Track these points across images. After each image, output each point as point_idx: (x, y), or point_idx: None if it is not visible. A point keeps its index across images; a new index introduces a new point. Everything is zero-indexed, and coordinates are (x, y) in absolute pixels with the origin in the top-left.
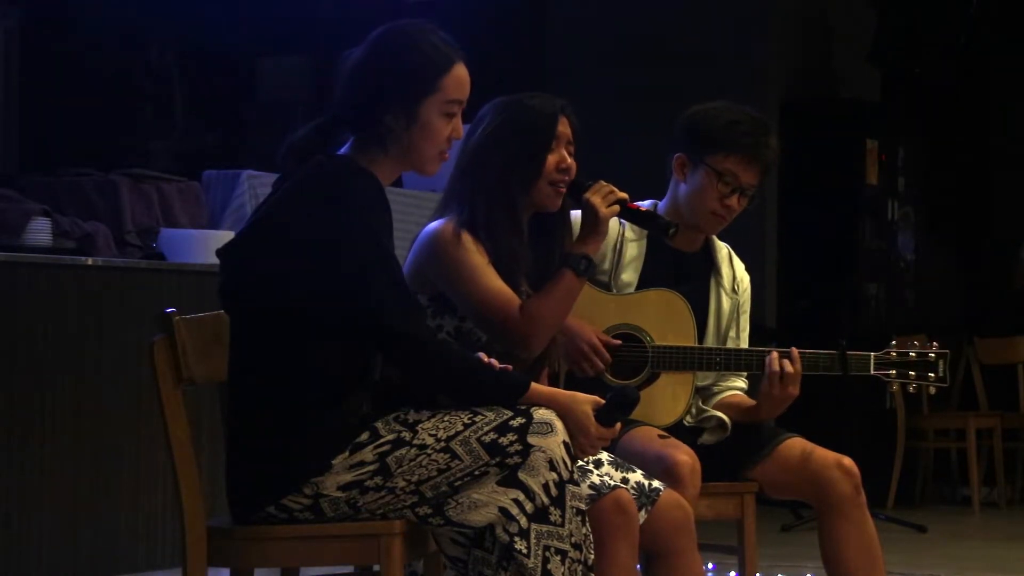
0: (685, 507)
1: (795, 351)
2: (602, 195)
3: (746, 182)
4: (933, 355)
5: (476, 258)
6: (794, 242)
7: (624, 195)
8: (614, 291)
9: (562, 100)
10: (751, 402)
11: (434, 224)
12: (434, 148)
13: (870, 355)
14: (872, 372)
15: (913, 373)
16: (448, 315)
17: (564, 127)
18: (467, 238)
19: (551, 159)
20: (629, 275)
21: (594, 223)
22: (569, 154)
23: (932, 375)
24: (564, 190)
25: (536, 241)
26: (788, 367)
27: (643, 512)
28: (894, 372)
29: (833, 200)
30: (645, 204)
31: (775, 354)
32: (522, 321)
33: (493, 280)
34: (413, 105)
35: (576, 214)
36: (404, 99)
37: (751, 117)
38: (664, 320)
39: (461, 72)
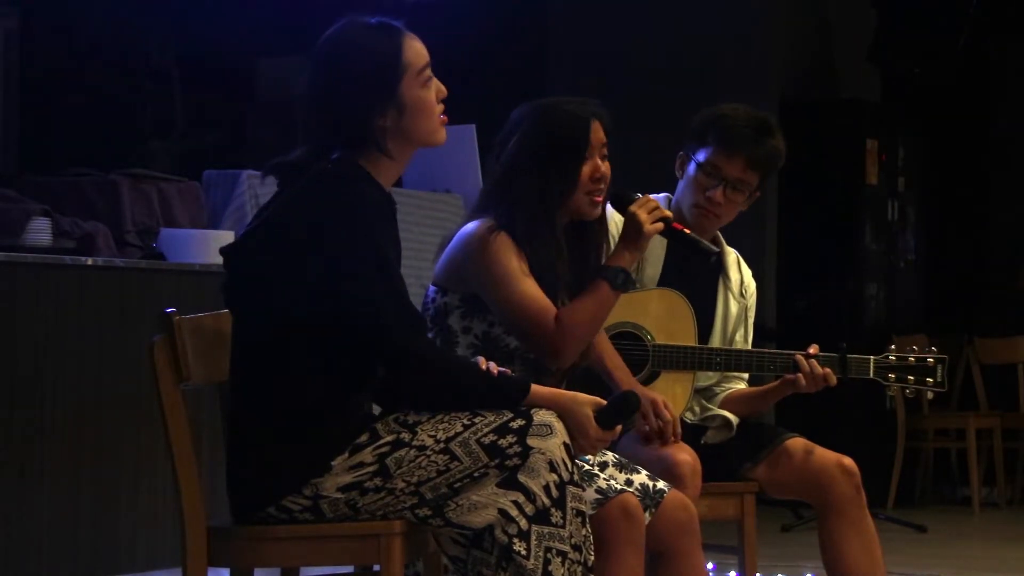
0: (690, 508)
1: (800, 357)
2: (648, 210)
3: (730, 175)
4: (932, 360)
5: (513, 262)
6: (794, 242)
7: (669, 213)
8: (638, 287)
9: (595, 103)
10: (753, 389)
11: (471, 224)
12: (433, 119)
13: (870, 359)
14: (872, 376)
15: (912, 378)
16: (478, 318)
17: (597, 132)
18: (506, 241)
19: (585, 169)
20: (654, 269)
21: (635, 238)
22: (603, 158)
23: (930, 380)
24: (600, 199)
25: (572, 246)
26: (817, 368)
27: (647, 513)
28: (893, 376)
29: (833, 200)
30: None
31: (800, 357)
32: (556, 331)
33: (529, 286)
34: (394, 94)
35: (612, 212)
36: (385, 95)
37: (747, 113)
38: (665, 319)
39: (411, 41)
